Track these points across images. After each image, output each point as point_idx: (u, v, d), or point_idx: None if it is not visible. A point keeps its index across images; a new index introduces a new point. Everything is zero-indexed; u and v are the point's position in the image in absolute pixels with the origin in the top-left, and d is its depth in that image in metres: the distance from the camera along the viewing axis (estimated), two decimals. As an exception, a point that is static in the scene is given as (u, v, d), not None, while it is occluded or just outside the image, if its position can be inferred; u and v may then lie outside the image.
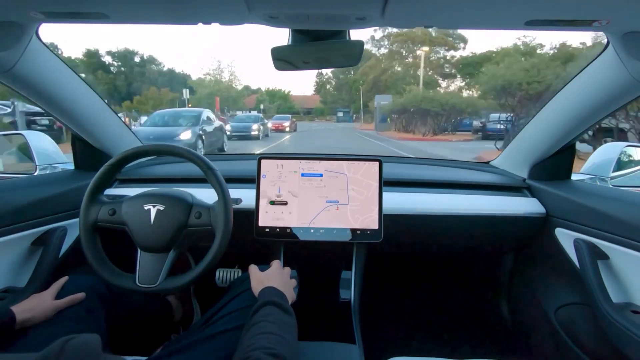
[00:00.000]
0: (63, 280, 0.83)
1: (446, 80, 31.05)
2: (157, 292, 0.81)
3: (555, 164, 1.12)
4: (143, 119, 13.03)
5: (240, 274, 1.04)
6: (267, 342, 0.55)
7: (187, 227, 0.83)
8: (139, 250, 0.84)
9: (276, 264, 0.84)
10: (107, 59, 33.36)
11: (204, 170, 0.85)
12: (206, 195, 0.92)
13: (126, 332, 0.94)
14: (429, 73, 30.17)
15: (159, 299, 1.14)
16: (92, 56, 31.96)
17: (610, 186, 1.23)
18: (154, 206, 0.83)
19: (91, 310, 0.80)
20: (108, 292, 0.87)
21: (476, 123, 14.63)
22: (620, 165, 1.33)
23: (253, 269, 0.82)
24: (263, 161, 1.01)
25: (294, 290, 0.83)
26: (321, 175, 1.01)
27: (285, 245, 1.08)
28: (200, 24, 0.66)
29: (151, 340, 1.00)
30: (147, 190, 0.88)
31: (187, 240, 0.87)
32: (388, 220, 1.00)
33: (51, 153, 1.33)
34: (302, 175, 1.01)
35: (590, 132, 6.18)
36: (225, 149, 9.39)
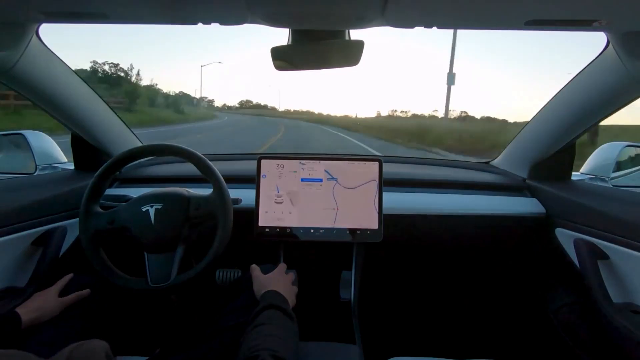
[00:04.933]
0: (67, 277, 0.83)
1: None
2: (170, 288, 0.81)
3: (555, 164, 1.12)
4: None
5: (240, 274, 1.04)
6: (272, 345, 0.55)
7: (189, 220, 0.84)
8: (145, 254, 0.84)
9: (281, 268, 0.84)
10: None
11: (194, 162, 0.86)
12: (206, 194, 0.93)
13: (127, 332, 0.94)
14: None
15: (161, 298, 1.14)
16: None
17: (611, 186, 1.23)
18: (151, 206, 0.83)
19: (95, 309, 0.80)
20: (110, 291, 0.87)
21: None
22: (620, 165, 1.32)
23: (256, 270, 0.82)
24: (263, 161, 1.01)
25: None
26: (321, 180, 1.01)
27: (285, 245, 1.08)
28: (200, 24, 0.66)
29: (151, 340, 1.00)
30: (142, 193, 0.88)
31: (192, 234, 0.87)
32: (388, 220, 1.00)
33: (51, 153, 1.33)
34: (302, 180, 1.01)
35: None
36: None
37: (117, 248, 0.91)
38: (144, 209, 0.83)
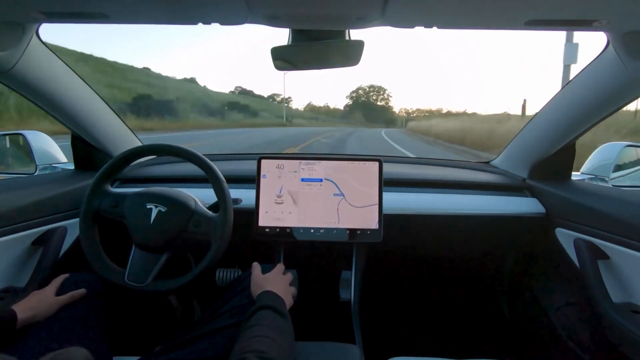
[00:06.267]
0: (63, 277, 0.83)
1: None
2: (144, 292, 0.81)
3: (555, 164, 1.12)
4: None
5: (240, 274, 1.04)
6: (260, 346, 0.55)
7: (185, 232, 0.83)
8: (133, 247, 0.84)
9: (279, 268, 0.84)
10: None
11: (209, 175, 0.85)
12: (207, 195, 0.92)
13: (126, 332, 0.94)
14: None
15: (160, 299, 1.14)
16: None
17: (610, 186, 1.23)
18: (156, 206, 0.83)
19: (91, 309, 0.80)
20: (108, 290, 0.87)
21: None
22: (620, 165, 1.32)
23: (256, 269, 0.82)
24: (263, 161, 1.01)
25: (293, 296, 0.83)
26: (321, 180, 1.01)
27: (285, 245, 1.08)
28: (200, 24, 0.66)
29: (151, 340, 1.00)
30: (153, 189, 0.88)
31: (183, 245, 0.87)
32: (388, 220, 1.00)
33: (51, 153, 1.33)
34: (302, 180, 1.01)
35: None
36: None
37: (110, 236, 0.91)
38: (147, 206, 0.83)
